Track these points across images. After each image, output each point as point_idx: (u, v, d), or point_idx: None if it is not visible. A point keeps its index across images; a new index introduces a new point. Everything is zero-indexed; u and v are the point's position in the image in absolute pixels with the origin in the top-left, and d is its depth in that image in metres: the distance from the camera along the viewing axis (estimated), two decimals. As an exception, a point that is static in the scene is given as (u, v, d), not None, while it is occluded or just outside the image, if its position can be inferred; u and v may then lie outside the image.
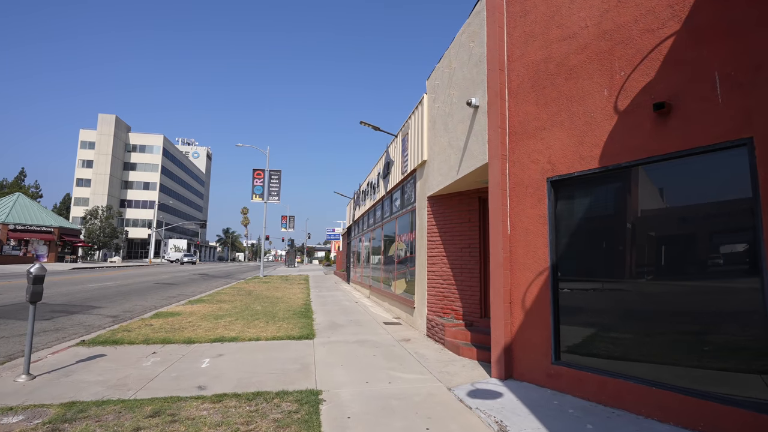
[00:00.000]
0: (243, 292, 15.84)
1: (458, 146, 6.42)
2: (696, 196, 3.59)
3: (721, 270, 3.44)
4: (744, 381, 3.19)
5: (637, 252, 3.99)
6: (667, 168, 3.74)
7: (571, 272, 4.53)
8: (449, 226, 7.51)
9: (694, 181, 3.59)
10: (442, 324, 6.89)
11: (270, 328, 8.20)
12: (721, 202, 3.47)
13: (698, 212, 3.61)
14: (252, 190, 28.38)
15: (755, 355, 3.16)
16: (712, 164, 3.44)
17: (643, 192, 3.94)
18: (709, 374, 3.41)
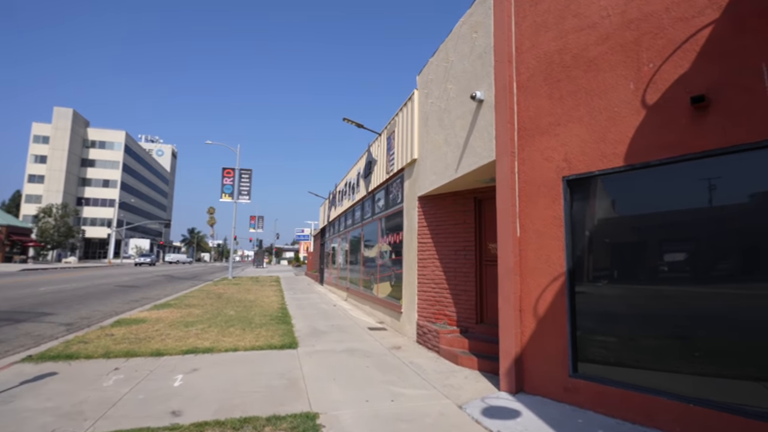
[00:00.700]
0: (213, 295, 14.92)
1: (457, 143, 6.04)
2: (737, 197, 3.33)
3: (765, 273, 3.19)
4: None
5: (667, 255, 3.70)
6: (704, 166, 3.47)
7: (590, 278, 4.22)
8: (442, 227, 7.12)
9: (734, 181, 3.33)
10: (435, 331, 6.48)
11: (247, 336, 7.54)
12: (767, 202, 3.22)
13: (740, 213, 3.35)
14: (221, 189, 27.15)
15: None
16: (759, 162, 3.18)
17: (674, 191, 3.65)
18: (759, 389, 3.14)
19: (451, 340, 6.21)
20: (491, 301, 6.40)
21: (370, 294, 10.75)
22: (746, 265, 3.30)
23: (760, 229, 3.19)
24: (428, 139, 7.16)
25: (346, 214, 15.31)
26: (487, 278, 6.49)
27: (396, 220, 9.07)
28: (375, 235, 10.91)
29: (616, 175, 4.03)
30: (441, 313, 6.97)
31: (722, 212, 3.40)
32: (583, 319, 4.19)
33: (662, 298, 3.71)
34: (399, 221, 8.81)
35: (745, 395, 3.16)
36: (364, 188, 12.02)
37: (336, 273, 17.11)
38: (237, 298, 14.17)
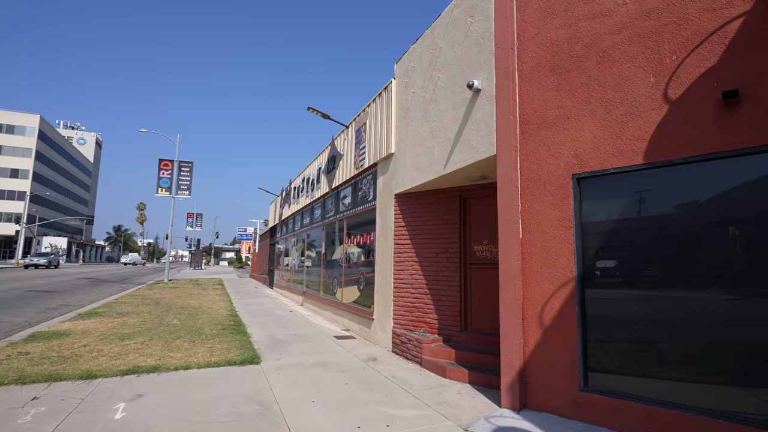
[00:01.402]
0: (149, 300, 13.36)
1: (446, 137, 5.60)
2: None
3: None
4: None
5: (692, 258, 3.48)
6: (733, 166, 3.27)
7: (603, 283, 3.93)
8: (423, 227, 6.66)
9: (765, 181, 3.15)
10: (417, 340, 6.00)
11: (199, 350, 6.57)
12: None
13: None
14: (157, 183, 24.86)
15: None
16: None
17: (700, 191, 3.44)
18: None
19: (435, 351, 5.75)
20: (477, 307, 6.03)
21: (333, 299, 10.06)
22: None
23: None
24: (409, 132, 6.67)
25: (302, 212, 14.43)
26: (472, 282, 6.12)
27: (366, 220, 8.48)
28: (339, 235, 10.23)
29: (635, 174, 3.77)
30: (421, 320, 6.49)
31: (754, 213, 3.22)
32: (596, 328, 3.90)
33: (686, 305, 3.48)
34: (370, 220, 8.23)
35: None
36: (326, 185, 11.29)
37: (289, 275, 16.12)
38: (178, 304, 12.78)
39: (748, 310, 3.19)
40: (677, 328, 3.49)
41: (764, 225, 3.14)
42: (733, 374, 3.19)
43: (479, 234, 6.13)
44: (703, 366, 3.34)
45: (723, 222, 3.34)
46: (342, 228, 9.90)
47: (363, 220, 8.61)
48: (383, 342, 7.07)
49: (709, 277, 3.39)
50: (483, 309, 5.98)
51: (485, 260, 6.02)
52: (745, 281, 3.21)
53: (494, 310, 5.83)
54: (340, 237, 10.01)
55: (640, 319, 3.70)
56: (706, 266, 3.40)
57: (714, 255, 3.37)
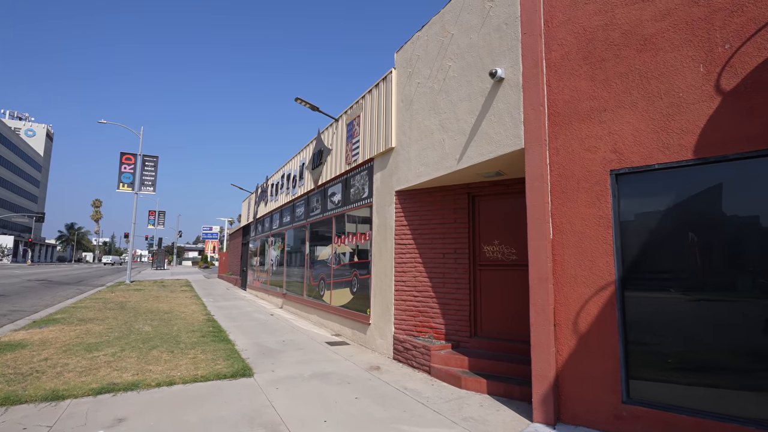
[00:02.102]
0: (113, 304, 12.30)
1: (460, 129, 5.24)
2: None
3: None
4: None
5: (749, 259, 3.26)
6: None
7: (647, 287, 3.67)
8: (428, 227, 6.27)
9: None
10: (424, 347, 5.60)
11: (181, 361, 5.91)
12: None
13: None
14: (119, 178, 23.23)
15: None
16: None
17: (759, 188, 3.22)
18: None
19: (445, 358, 5.38)
20: (487, 311, 5.71)
21: (320, 302, 9.51)
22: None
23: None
24: (413, 125, 6.26)
25: (282, 210, 13.73)
26: (482, 285, 5.79)
27: (359, 218, 8.02)
28: (327, 234, 9.69)
29: (683, 170, 3.52)
30: (425, 325, 6.10)
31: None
32: (639, 335, 3.63)
33: (741, 309, 3.26)
34: (364, 219, 7.77)
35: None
36: (310, 181, 10.70)
37: (266, 277, 15.36)
38: (146, 308, 11.82)
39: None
40: (729, 333, 3.27)
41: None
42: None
43: (489, 234, 5.81)
44: (761, 375, 3.12)
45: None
46: (330, 227, 9.37)
47: (356, 219, 8.14)
48: (382, 348, 6.63)
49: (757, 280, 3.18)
50: (494, 313, 5.66)
51: (496, 262, 5.71)
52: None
53: (506, 314, 5.53)
54: (328, 236, 9.48)
55: (688, 325, 3.46)
56: (764, 269, 3.18)
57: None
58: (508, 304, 5.56)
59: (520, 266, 5.49)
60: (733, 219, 3.35)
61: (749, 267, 3.25)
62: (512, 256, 5.59)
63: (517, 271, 5.53)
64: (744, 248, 3.29)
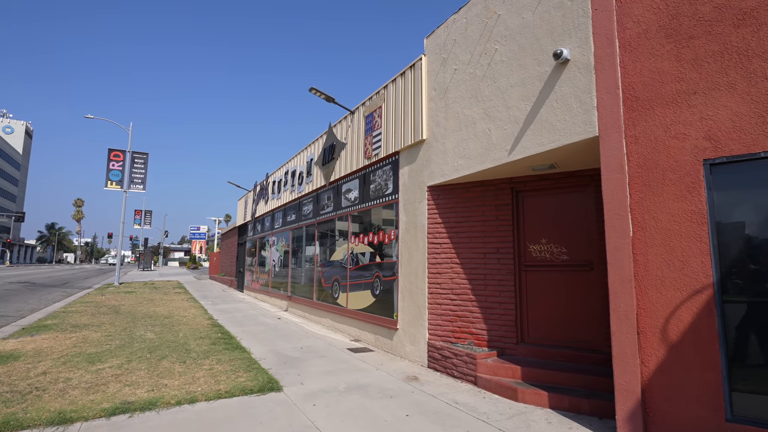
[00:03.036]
0: (105, 308, 11.56)
1: (511, 118, 4.79)
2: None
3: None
4: None
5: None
6: None
7: (751, 290, 3.26)
8: (466, 225, 5.82)
9: None
10: (468, 355, 5.15)
11: (197, 373, 5.34)
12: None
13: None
14: (106, 176, 22.27)
15: None
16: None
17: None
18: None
19: (493, 368, 4.93)
20: (534, 316, 5.28)
21: (333, 305, 8.99)
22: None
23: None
24: (449, 114, 5.80)
25: (286, 209, 13.14)
26: (528, 287, 5.36)
27: (382, 216, 7.53)
28: (341, 234, 9.17)
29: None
30: (465, 331, 5.65)
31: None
32: (744, 344, 3.23)
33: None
34: (388, 217, 7.29)
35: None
36: (320, 178, 10.16)
37: (266, 278, 14.73)
38: (143, 312, 11.12)
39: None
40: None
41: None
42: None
43: (536, 232, 5.39)
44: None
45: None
46: (345, 226, 8.85)
47: (377, 217, 7.64)
48: (413, 356, 6.16)
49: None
50: (542, 318, 5.24)
51: (544, 262, 5.28)
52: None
53: (556, 318, 5.11)
54: (343, 236, 8.96)
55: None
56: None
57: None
58: (558, 307, 5.14)
59: (573, 267, 5.08)
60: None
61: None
62: (563, 256, 5.18)
63: (568, 272, 5.12)
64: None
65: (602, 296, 4.88)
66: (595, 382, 4.41)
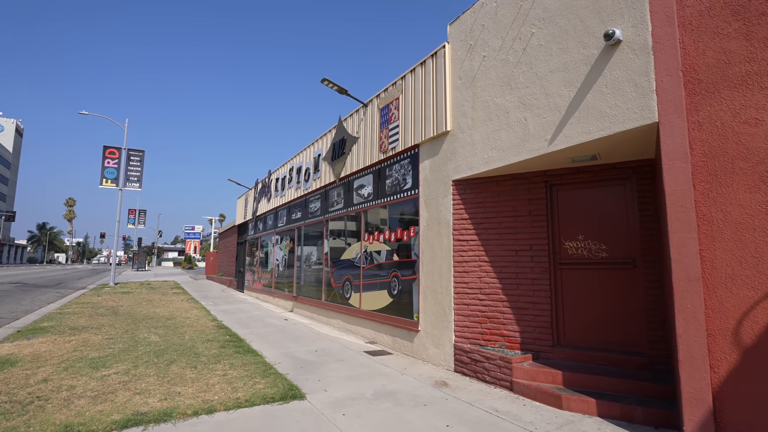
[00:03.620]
0: (104, 310, 11.12)
1: (552, 105, 4.49)
2: None
3: None
4: None
5: None
6: None
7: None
8: (495, 220, 5.50)
9: None
10: (503, 358, 4.84)
11: (211, 379, 4.98)
12: None
13: None
14: (101, 174, 21.70)
15: None
16: None
17: None
18: None
19: (531, 372, 4.61)
20: (571, 317, 4.98)
21: (345, 306, 8.64)
22: None
23: None
24: (477, 104, 5.48)
25: (290, 207, 12.76)
26: (563, 286, 5.05)
27: (399, 212, 7.20)
28: (352, 231, 8.83)
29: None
30: (495, 332, 5.33)
31: None
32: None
33: None
34: (407, 213, 6.96)
35: None
36: (329, 174, 9.81)
37: (269, 278, 14.34)
38: (144, 313, 10.70)
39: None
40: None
41: None
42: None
43: (572, 228, 5.08)
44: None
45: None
46: (357, 223, 8.51)
47: (395, 213, 7.31)
48: (437, 359, 5.83)
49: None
50: (579, 319, 4.93)
51: (582, 260, 4.98)
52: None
53: (595, 319, 4.81)
54: (355, 233, 8.62)
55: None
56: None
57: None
58: (596, 307, 4.85)
59: (613, 264, 4.79)
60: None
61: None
62: (602, 253, 4.88)
63: (607, 270, 4.82)
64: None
65: (646, 296, 4.59)
66: (644, 388, 4.12)
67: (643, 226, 4.66)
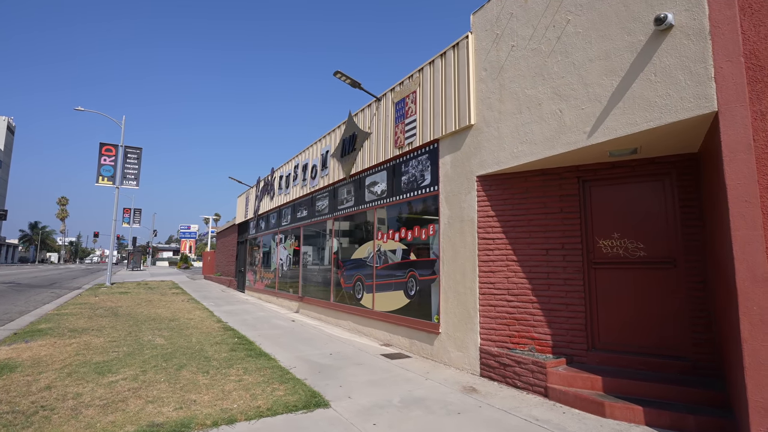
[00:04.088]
0: (102, 310, 10.76)
1: (591, 96, 4.25)
2: None
3: None
4: None
5: None
6: None
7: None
8: (524, 218, 5.26)
9: None
10: (535, 363, 4.59)
11: (226, 385, 4.69)
12: None
13: None
14: (98, 171, 21.26)
15: None
16: None
17: None
18: None
19: (568, 378, 4.37)
20: (606, 318, 4.74)
21: (356, 307, 8.37)
22: None
23: None
24: (505, 96, 5.24)
25: (295, 205, 12.45)
26: (598, 286, 4.82)
27: (417, 210, 6.94)
28: (364, 230, 8.56)
29: None
30: (524, 335, 5.09)
31: None
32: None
33: None
34: (426, 211, 6.71)
35: None
36: (338, 171, 9.53)
37: (272, 278, 14.02)
38: (145, 315, 10.36)
39: None
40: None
41: None
42: None
43: (606, 225, 4.85)
44: None
45: None
46: (369, 221, 8.24)
47: (411, 211, 7.05)
48: (461, 363, 5.58)
49: None
50: (615, 321, 4.70)
51: (617, 259, 4.75)
52: None
53: (632, 321, 4.59)
54: (366, 232, 8.35)
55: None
56: None
57: None
58: (633, 309, 4.62)
59: (652, 264, 4.56)
60: None
61: None
62: (639, 252, 4.65)
63: (645, 269, 4.60)
64: None
65: (688, 297, 4.36)
66: (692, 395, 3.89)
67: (685, 224, 4.43)
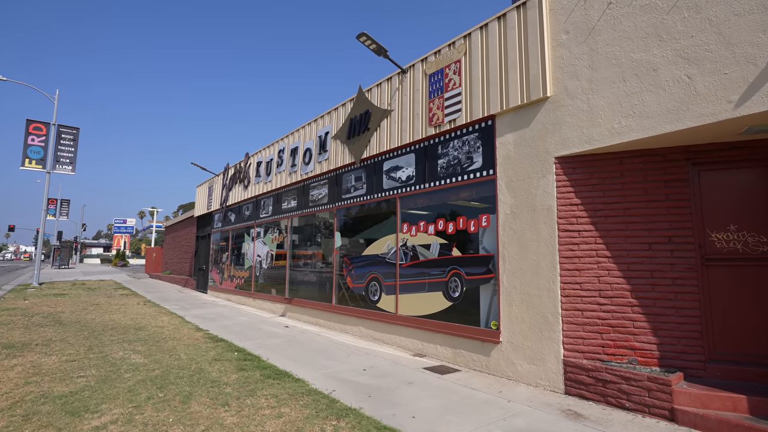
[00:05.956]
0: (41, 318, 8.73)
1: (734, 58, 3.52)
2: None
3: None
4: None
5: None
6: None
7: None
8: (619, 206, 4.47)
9: None
10: (651, 379, 3.81)
11: (267, 425, 3.46)
12: None
13: None
14: (24, 152, 18.16)
15: None
16: None
17: None
18: None
19: (701, 397, 3.62)
20: (724, 324, 4.06)
21: (370, 311, 7.26)
22: None
23: None
24: (597, 62, 4.42)
25: (280, 194, 10.99)
26: (712, 286, 4.13)
27: (459, 197, 5.98)
28: (378, 222, 7.46)
29: None
30: (621, 344, 4.30)
31: None
32: None
33: None
34: (470, 199, 5.77)
35: None
36: (343, 154, 8.32)
37: (247, 276, 12.42)
38: (99, 322, 8.52)
39: None
40: None
41: None
42: None
43: (720, 216, 4.18)
44: None
45: None
46: (391, 212, 7.16)
47: (453, 199, 6.08)
48: (533, 378, 4.71)
49: None
50: (733, 326, 4.04)
51: (735, 255, 4.10)
52: None
53: (754, 327, 3.94)
54: (385, 224, 7.26)
55: None
56: None
57: None
58: (757, 313, 3.97)
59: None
60: None
61: None
62: (762, 247, 4.01)
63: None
64: None
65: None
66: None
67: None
